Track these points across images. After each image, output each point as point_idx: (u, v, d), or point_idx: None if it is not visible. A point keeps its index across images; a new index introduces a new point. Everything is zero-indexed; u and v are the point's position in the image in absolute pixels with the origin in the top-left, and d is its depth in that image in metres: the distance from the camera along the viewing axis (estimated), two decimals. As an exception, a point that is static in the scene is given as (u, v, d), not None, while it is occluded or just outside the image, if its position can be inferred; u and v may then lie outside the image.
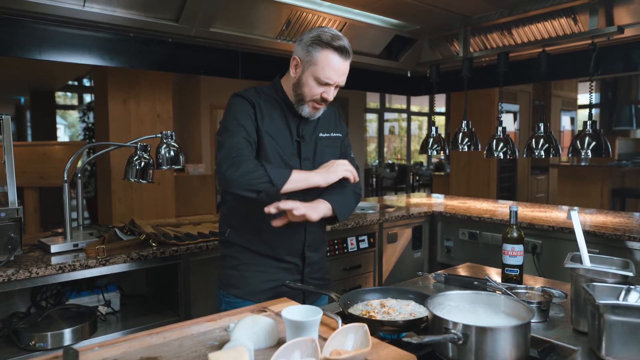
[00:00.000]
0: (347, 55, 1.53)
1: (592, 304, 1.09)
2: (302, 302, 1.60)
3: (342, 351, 0.98)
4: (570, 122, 9.50)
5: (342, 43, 1.51)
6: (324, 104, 1.57)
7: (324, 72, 1.51)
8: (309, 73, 1.52)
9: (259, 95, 1.61)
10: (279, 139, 1.57)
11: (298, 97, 1.56)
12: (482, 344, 1.05)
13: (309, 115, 1.59)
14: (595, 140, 2.68)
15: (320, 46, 1.50)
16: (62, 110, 11.08)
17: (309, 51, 1.51)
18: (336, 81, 1.54)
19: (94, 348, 1.04)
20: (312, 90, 1.53)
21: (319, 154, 1.65)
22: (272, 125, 1.57)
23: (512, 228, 1.64)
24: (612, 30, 2.65)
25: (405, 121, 12.77)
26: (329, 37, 1.50)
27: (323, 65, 1.50)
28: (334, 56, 1.50)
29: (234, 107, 1.56)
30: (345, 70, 1.56)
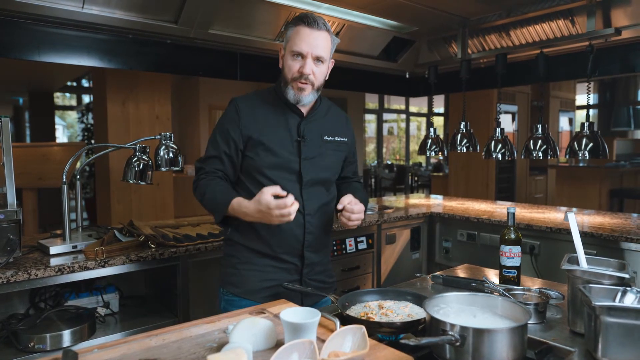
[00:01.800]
0: (315, 25, 1.53)
1: (589, 305, 1.09)
2: (301, 303, 1.59)
3: (340, 353, 0.98)
4: (568, 122, 9.53)
5: (312, 16, 1.55)
6: (306, 82, 1.54)
7: (295, 45, 1.53)
8: (287, 54, 1.57)
9: (256, 97, 1.64)
10: (275, 139, 1.58)
11: (284, 81, 1.59)
12: (479, 345, 1.05)
13: (294, 99, 1.57)
14: (592, 141, 2.69)
15: (293, 24, 1.56)
16: (61, 111, 11.07)
17: (286, 34, 1.58)
18: (308, 51, 1.53)
19: (93, 350, 1.04)
20: (291, 68, 1.55)
21: (321, 156, 1.64)
22: (267, 126, 1.59)
23: (509, 229, 1.65)
24: (609, 32, 2.66)
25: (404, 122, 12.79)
26: (301, 15, 1.56)
27: (294, 38, 1.54)
28: (303, 28, 1.54)
29: (222, 117, 1.66)
30: (318, 40, 1.54)
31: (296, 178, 1.59)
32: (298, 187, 1.59)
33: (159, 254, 2.04)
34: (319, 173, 1.64)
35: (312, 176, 1.61)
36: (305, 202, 1.60)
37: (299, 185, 1.60)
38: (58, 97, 10.33)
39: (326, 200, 1.67)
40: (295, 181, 1.59)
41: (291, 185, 1.57)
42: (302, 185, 1.60)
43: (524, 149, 2.98)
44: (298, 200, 1.55)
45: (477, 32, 3.26)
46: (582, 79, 2.99)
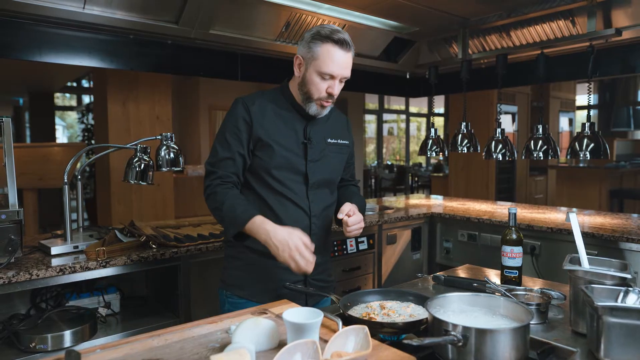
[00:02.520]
0: (347, 47, 1.53)
1: (591, 305, 1.10)
2: (305, 303, 1.61)
3: (343, 353, 0.98)
4: (568, 123, 9.53)
5: (341, 36, 1.52)
6: (330, 100, 1.58)
7: (326, 66, 1.51)
8: (312, 69, 1.53)
9: (263, 98, 1.61)
10: (283, 140, 1.58)
11: (305, 95, 1.57)
12: (481, 345, 1.05)
13: (316, 113, 1.60)
14: (593, 141, 2.69)
15: (320, 40, 1.51)
16: (61, 112, 11.07)
17: (310, 47, 1.52)
18: (339, 74, 1.54)
19: (96, 350, 1.04)
20: (318, 87, 1.54)
21: (325, 158, 1.65)
22: (276, 127, 1.58)
23: (511, 230, 1.65)
24: (610, 32, 2.66)
25: (404, 122, 12.79)
26: (328, 31, 1.51)
27: (324, 58, 1.51)
28: (335, 49, 1.51)
29: (230, 116, 1.60)
30: (348, 62, 1.55)
31: (302, 179, 1.61)
32: (304, 188, 1.61)
33: (160, 254, 2.04)
34: (324, 175, 1.66)
35: (318, 178, 1.63)
36: (311, 203, 1.62)
37: (306, 187, 1.62)
38: (58, 97, 10.33)
39: (330, 202, 1.70)
40: (302, 182, 1.61)
41: (298, 187, 1.60)
42: (308, 186, 1.62)
43: (525, 149, 2.98)
44: (304, 201, 1.61)
45: (477, 32, 3.26)
46: (582, 79, 2.99)
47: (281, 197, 1.58)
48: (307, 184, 1.61)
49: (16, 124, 10.06)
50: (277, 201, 1.58)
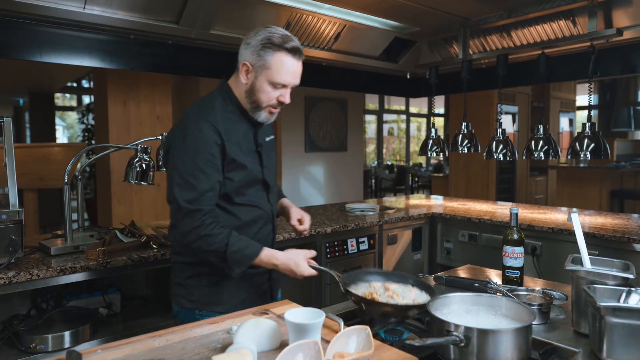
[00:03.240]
0: (300, 55, 1.50)
1: (593, 306, 1.09)
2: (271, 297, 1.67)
3: (345, 353, 0.98)
4: (568, 123, 9.53)
5: (294, 44, 1.47)
6: (279, 107, 1.54)
7: (279, 76, 1.46)
8: (263, 78, 1.47)
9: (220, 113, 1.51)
10: (247, 155, 1.53)
11: (254, 103, 1.52)
12: (483, 346, 1.05)
13: (265, 120, 1.56)
14: (594, 142, 2.69)
15: (272, 49, 1.45)
16: (61, 112, 11.07)
17: (260, 55, 1.46)
18: (292, 83, 1.50)
19: (97, 351, 1.04)
20: (269, 95, 1.49)
21: (270, 159, 1.65)
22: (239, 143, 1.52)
23: (512, 230, 1.65)
24: (611, 32, 2.66)
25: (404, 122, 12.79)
26: (280, 39, 1.45)
27: (278, 68, 1.45)
28: (288, 58, 1.46)
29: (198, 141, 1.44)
30: (300, 70, 1.51)
31: (262, 187, 1.61)
32: (265, 195, 1.62)
33: (161, 255, 2.04)
34: (274, 175, 1.68)
35: (272, 180, 1.65)
36: (272, 207, 1.65)
37: (266, 193, 1.62)
38: (58, 97, 10.33)
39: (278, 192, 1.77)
40: (263, 190, 1.61)
41: (260, 195, 1.60)
42: (268, 192, 1.63)
43: (525, 149, 2.98)
44: (267, 206, 1.63)
45: (478, 32, 3.26)
46: (583, 79, 2.99)
47: (250, 208, 1.56)
48: (268, 190, 1.62)
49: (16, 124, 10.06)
50: (247, 212, 1.56)
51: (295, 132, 6.50)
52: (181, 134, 1.47)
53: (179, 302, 1.60)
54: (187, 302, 1.58)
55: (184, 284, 1.59)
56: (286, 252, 1.49)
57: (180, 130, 1.49)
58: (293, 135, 6.47)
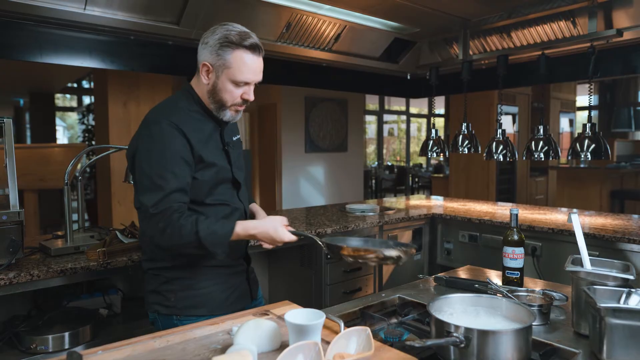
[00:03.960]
0: (260, 51, 1.48)
1: (593, 307, 1.09)
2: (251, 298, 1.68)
3: (345, 355, 0.98)
4: (569, 124, 9.53)
5: (252, 40, 1.45)
6: (244, 105, 1.54)
7: (241, 74, 1.45)
8: (224, 77, 1.46)
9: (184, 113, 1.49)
10: (214, 154, 1.52)
11: (217, 103, 1.50)
12: (484, 347, 1.05)
13: (230, 119, 1.55)
14: (594, 142, 2.69)
15: (231, 47, 1.43)
16: (61, 112, 11.07)
17: (219, 55, 1.44)
18: (254, 80, 1.49)
19: (98, 352, 1.04)
20: (232, 94, 1.48)
21: (238, 157, 1.64)
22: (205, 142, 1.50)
23: (512, 231, 1.65)
24: (611, 33, 2.66)
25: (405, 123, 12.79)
26: (237, 37, 1.43)
27: (239, 66, 1.44)
28: (248, 55, 1.44)
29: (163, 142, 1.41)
30: (261, 66, 1.49)
31: (232, 185, 1.59)
32: (236, 193, 1.60)
33: (161, 255, 2.03)
34: (242, 173, 1.66)
35: (241, 179, 1.63)
36: (244, 204, 1.64)
37: (237, 192, 1.61)
38: (59, 98, 10.34)
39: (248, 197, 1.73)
40: (232, 188, 1.59)
41: (230, 194, 1.58)
42: (238, 191, 1.61)
43: (526, 150, 2.98)
44: (239, 204, 1.61)
45: (478, 33, 3.26)
46: (583, 80, 2.99)
47: (221, 207, 1.53)
48: (238, 189, 1.61)
49: (17, 125, 10.07)
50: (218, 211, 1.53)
51: (296, 133, 6.50)
52: (145, 137, 1.44)
53: (154, 309, 1.54)
54: (164, 308, 1.52)
55: (159, 290, 1.53)
56: (261, 220, 1.49)
57: (144, 133, 1.45)
58: (293, 136, 6.48)
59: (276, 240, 1.46)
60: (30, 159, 4.41)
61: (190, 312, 1.49)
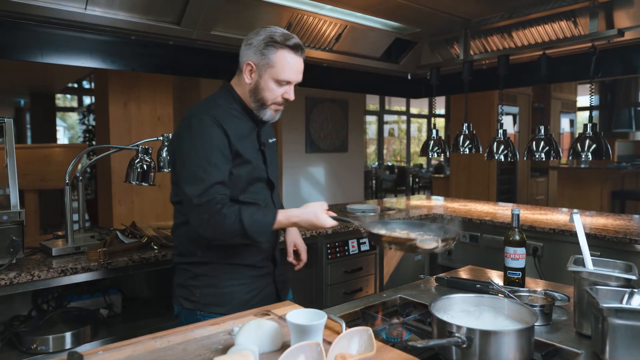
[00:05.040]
0: (302, 52, 1.53)
1: (596, 307, 1.09)
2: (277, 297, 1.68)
3: (347, 355, 0.98)
4: (569, 124, 9.52)
5: (296, 41, 1.51)
6: (283, 105, 1.58)
7: (284, 73, 1.50)
8: (267, 76, 1.51)
9: (223, 110, 1.54)
10: (251, 152, 1.55)
11: (259, 102, 1.54)
12: (486, 347, 1.05)
13: (270, 119, 1.58)
14: (595, 142, 2.68)
15: (275, 47, 1.49)
16: (62, 113, 11.08)
17: (263, 54, 1.49)
18: (296, 79, 1.54)
19: (98, 352, 1.04)
20: (274, 93, 1.52)
21: (272, 159, 1.68)
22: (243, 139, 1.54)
23: (514, 231, 1.65)
24: (612, 33, 2.66)
25: (405, 123, 12.79)
26: (281, 37, 1.49)
27: (282, 65, 1.49)
28: (291, 55, 1.50)
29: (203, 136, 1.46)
30: (302, 67, 1.55)
31: (266, 186, 1.62)
32: (269, 194, 1.64)
33: (162, 256, 2.03)
34: (276, 175, 1.70)
35: (275, 180, 1.67)
36: (276, 206, 1.66)
37: (270, 192, 1.64)
38: (59, 98, 10.34)
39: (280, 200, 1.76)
40: (267, 189, 1.63)
41: (264, 194, 1.61)
42: (272, 191, 1.65)
43: (527, 150, 2.97)
44: (270, 205, 1.63)
45: (479, 33, 3.26)
46: (584, 80, 2.99)
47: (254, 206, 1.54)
48: (271, 189, 1.64)
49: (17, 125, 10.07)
50: None
51: (296, 133, 6.50)
52: (186, 131, 1.49)
53: (179, 302, 1.61)
54: (188, 303, 1.58)
55: (185, 285, 1.59)
56: (302, 208, 1.49)
57: (185, 127, 1.50)
58: (294, 136, 6.47)
59: (318, 226, 1.47)
60: (31, 159, 4.41)
61: (213, 310, 1.52)
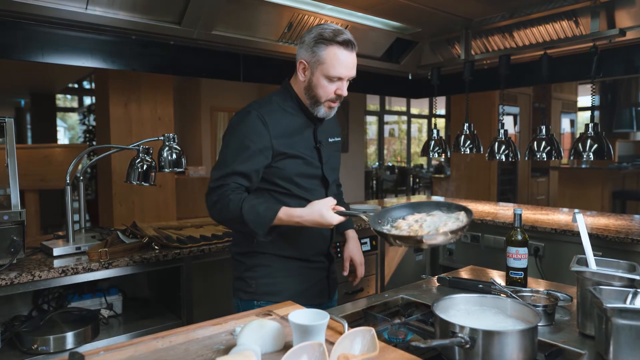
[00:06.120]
0: (352, 47, 1.53)
1: (600, 307, 1.08)
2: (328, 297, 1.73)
3: (350, 355, 0.97)
4: (570, 124, 9.52)
5: (345, 37, 1.51)
6: (338, 101, 1.58)
7: (334, 69, 1.50)
8: (319, 73, 1.52)
9: (274, 106, 1.58)
10: (301, 149, 1.57)
11: (313, 99, 1.57)
12: (489, 347, 1.04)
13: (325, 115, 1.60)
14: (597, 142, 2.68)
15: (325, 44, 1.50)
16: (62, 113, 11.07)
17: (314, 51, 1.51)
18: (347, 75, 1.54)
19: (100, 352, 1.03)
20: (326, 90, 1.54)
21: (332, 158, 1.69)
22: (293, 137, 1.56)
23: (516, 231, 1.64)
24: (613, 32, 2.65)
25: (405, 123, 12.79)
26: (331, 34, 1.50)
27: (332, 62, 1.50)
28: (341, 51, 1.50)
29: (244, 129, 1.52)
30: (354, 62, 1.55)
31: (321, 183, 1.65)
32: (324, 191, 1.66)
33: (163, 256, 2.03)
34: (335, 175, 1.72)
35: (332, 178, 1.69)
36: None
37: (325, 189, 1.66)
38: (59, 99, 10.33)
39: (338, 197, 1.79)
40: (321, 186, 1.65)
41: (319, 191, 1.64)
42: (327, 189, 1.67)
43: (528, 150, 2.97)
44: None
45: (480, 33, 3.26)
46: (586, 80, 2.98)
47: (304, 202, 1.54)
48: (326, 187, 1.66)
49: (18, 125, 10.07)
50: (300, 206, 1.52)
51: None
52: (233, 124, 1.56)
53: (238, 295, 1.65)
54: (245, 294, 1.62)
55: (242, 277, 1.63)
56: (308, 207, 1.46)
57: (233, 120, 1.57)
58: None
59: (324, 225, 1.45)
60: (31, 159, 4.41)
61: (270, 298, 1.56)
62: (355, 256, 1.81)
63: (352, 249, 1.82)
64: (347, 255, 1.81)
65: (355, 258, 1.81)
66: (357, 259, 1.81)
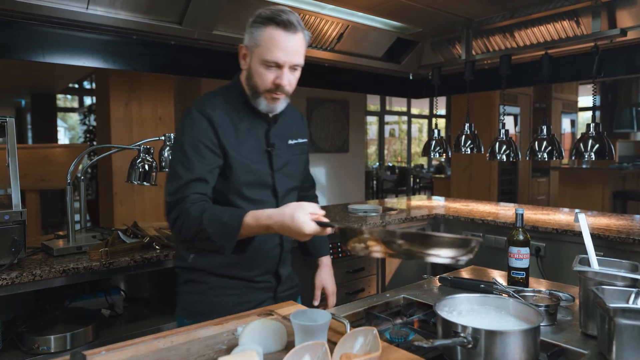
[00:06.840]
0: (292, 28, 1.30)
1: (603, 307, 1.08)
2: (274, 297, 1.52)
3: (352, 355, 0.97)
4: (570, 124, 9.52)
5: (285, 16, 1.29)
6: (281, 93, 1.36)
7: (270, 53, 1.29)
8: (256, 58, 1.32)
9: (219, 101, 1.39)
10: (247, 152, 1.38)
11: (252, 89, 1.37)
12: (491, 347, 1.04)
13: (268, 110, 1.38)
14: (598, 142, 2.68)
15: (262, 24, 1.30)
16: (63, 113, 11.07)
17: (251, 33, 1.32)
18: (286, 61, 1.31)
19: (101, 352, 1.03)
20: (263, 77, 1.32)
21: (290, 163, 1.49)
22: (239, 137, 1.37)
23: (518, 231, 1.64)
24: (615, 32, 2.65)
25: (406, 124, 12.78)
26: (269, 13, 1.29)
27: (267, 44, 1.29)
28: (277, 31, 1.28)
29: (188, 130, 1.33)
30: (296, 47, 1.32)
31: (271, 193, 1.44)
32: (275, 202, 1.44)
33: (164, 256, 2.03)
34: (291, 183, 1.50)
35: (286, 187, 1.48)
36: None
37: (276, 200, 1.45)
38: (60, 99, 10.33)
39: None
40: (272, 196, 1.44)
41: (269, 202, 1.43)
42: (278, 200, 1.45)
43: (529, 150, 2.96)
44: None
45: (481, 33, 3.25)
46: (587, 80, 2.98)
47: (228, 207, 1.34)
48: (277, 197, 1.45)
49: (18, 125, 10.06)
50: None
51: (297, 133, 6.49)
52: (177, 128, 1.38)
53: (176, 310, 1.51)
54: (179, 309, 1.49)
55: (178, 291, 1.50)
56: (280, 208, 1.21)
57: (179, 124, 1.39)
58: (295, 136, 6.46)
59: (295, 232, 1.16)
60: (32, 159, 4.41)
61: (196, 318, 1.31)
62: (327, 285, 1.70)
63: (325, 277, 1.70)
64: (318, 283, 1.69)
65: (328, 287, 1.70)
66: (330, 288, 1.70)
